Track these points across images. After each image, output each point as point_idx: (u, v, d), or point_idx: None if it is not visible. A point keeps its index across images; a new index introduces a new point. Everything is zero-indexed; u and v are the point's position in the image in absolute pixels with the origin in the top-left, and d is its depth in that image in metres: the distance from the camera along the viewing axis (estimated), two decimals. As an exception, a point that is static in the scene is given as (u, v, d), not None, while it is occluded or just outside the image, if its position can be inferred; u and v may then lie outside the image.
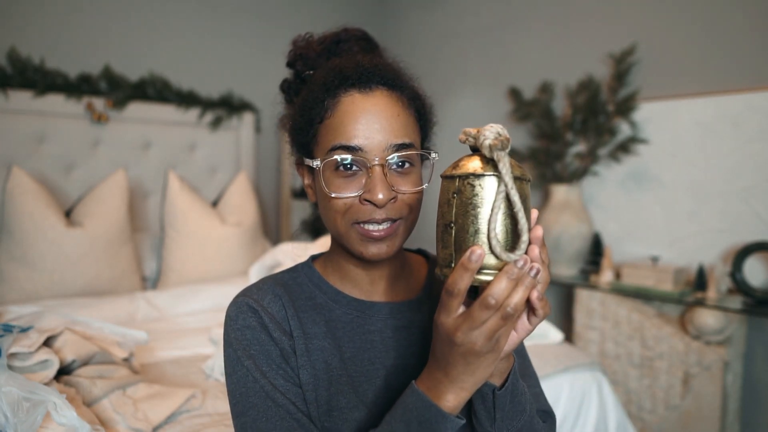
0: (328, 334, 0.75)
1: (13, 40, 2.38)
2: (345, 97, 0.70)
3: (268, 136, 3.22)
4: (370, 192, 0.68)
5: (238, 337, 0.72)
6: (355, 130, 0.68)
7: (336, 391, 0.72)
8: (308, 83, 0.76)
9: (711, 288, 2.08)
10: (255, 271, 2.16)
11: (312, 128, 0.72)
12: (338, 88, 0.70)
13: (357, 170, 0.69)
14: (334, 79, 0.71)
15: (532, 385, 0.83)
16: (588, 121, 2.46)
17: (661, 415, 2.16)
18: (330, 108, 0.70)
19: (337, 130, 0.69)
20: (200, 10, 2.92)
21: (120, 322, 2.02)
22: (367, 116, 0.69)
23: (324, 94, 0.71)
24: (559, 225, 2.46)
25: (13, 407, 1.03)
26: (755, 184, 2.11)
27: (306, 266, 0.82)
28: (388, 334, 0.77)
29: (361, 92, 0.70)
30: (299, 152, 0.77)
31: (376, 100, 0.70)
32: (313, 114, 0.72)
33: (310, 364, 0.73)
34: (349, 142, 0.68)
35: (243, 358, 0.71)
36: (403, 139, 0.70)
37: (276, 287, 0.77)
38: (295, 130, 0.76)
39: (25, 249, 2.12)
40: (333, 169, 0.69)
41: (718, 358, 2.02)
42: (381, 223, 0.70)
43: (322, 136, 0.71)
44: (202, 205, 2.61)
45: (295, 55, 0.81)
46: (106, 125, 2.59)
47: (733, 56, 2.15)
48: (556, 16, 2.72)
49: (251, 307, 0.73)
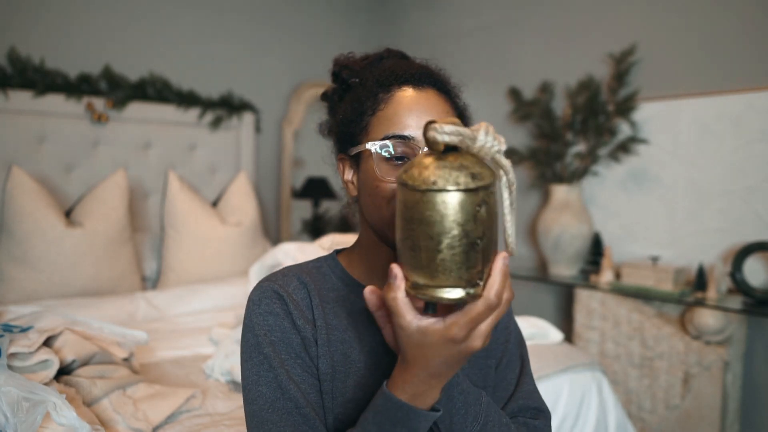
0: (349, 327, 0.75)
1: (13, 40, 2.38)
2: (399, 92, 0.74)
3: (268, 136, 3.22)
4: None
5: (260, 322, 0.72)
6: (409, 119, 0.72)
7: (354, 383, 0.73)
8: (358, 84, 0.79)
9: (711, 288, 2.08)
10: (255, 271, 2.16)
11: (363, 120, 0.75)
12: (392, 84, 0.75)
13: (406, 159, 0.72)
14: (388, 76, 0.75)
15: (527, 382, 0.84)
16: (588, 121, 2.46)
17: (661, 415, 2.16)
18: (384, 101, 0.74)
19: (391, 119, 0.73)
20: (200, 10, 2.92)
21: (120, 322, 2.02)
22: (419, 109, 0.73)
23: (377, 89, 0.75)
24: (559, 225, 2.46)
25: (12, 407, 1.03)
26: (755, 184, 2.11)
27: (330, 258, 0.83)
28: None
29: (415, 89, 0.74)
30: (344, 147, 0.79)
31: (428, 96, 0.74)
32: (365, 107, 0.75)
33: (329, 354, 0.73)
34: (402, 131, 0.72)
35: (263, 344, 0.71)
36: None
37: (302, 275, 0.78)
38: (343, 124, 0.78)
39: (25, 249, 2.11)
40: (382, 158, 0.72)
41: (718, 358, 2.02)
42: None
43: (374, 126, 0.74)
44: (202, 205, 2.61)
45: (340, 66, 0.84)
46: (106, 125, 2.59)
47: (733, 56, 2.15)
48: (556, 16, 2.72)
49: (277, 292, 0.74)
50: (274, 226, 3.30)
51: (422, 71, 0.76)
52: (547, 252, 2.57)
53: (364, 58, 0.84)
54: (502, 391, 0.83)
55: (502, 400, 0.83)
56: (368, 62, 0.83)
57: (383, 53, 0.84)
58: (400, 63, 0.79)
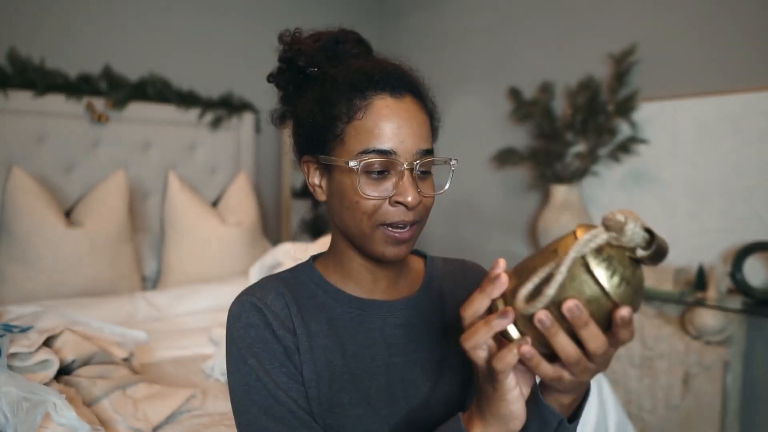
0: (329, 332, 0.76)
1: (13, 40, 2.37)
2: (377, 100, 0.71)
3: (268, 136, 3.22)
4: (402, 195, 0.70)
5: (242, 335, 0.73)
6: (390, 133, 0.70)
7: (338, 388, 0.73)
8: (323, 79, 0.75)
9: (711, 288, 2.08)
10: (255, 271, 2.16)
11: (336, 127, 0.72)
12: (368, 89, 0.71)
13: (386, 173, 0.71)
14: (362, 80, 0.71)
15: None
16: (588, 121, 2.46)
17: (661, 415, 2.16)
18: (362, 108, 0.70)
19: (371, 132, 0.70)
20: (200, 10, 2.92)
21: (120, 322, 2.02)
22: (399, 120, 0.70)
23: (352, 93, 0.71)
24: (559, 225, 2.46)
25: (12, 407, 1.03)
26: (755, 184, 2.11)
27: (307, 266, 0.82)
28: (388, 331, 0.78)
29: (394, 96, 0.71)
30: (311, 150, 0.76)
31: (407, 106, 0.71)
32: (337, 112, 0.71)
33: (312, 361, 0.73)
34: (383, 145, 0.69)
35: (246, 356, 0.71)
36: (428, 146, 0.73)
37: (279, 285, 0.77)
38: (310, 126, 0.75)
39: (25, 249, 2.11)
40: (363, 171, 0.70)
41: (718, 358, 2.02)
42: (407, 226, 0.72)
43: (351, 137, 0.71)
44: (202, 205, 2.61)
45: (293, 51, 0.79)
46: (106, 125, 2.59)
47: (733, 56, 2.15)
48: (556, 16, 2.72)
49: (255, 305, 0.74)
50: (274, 226, 3.30)
51: (398, 75, 0.73)
52: (547, 252, 2.57)
53: (316, 38, 0.79)
54: None
55: None
56: (321, 44, 0.78)
57: (338, 35, 0.79)
58: (371, 63, 0.75)
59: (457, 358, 0.81)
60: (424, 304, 0.82)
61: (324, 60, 0.77)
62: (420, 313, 0.81)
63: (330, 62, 0.77)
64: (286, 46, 0.81)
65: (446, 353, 0.81)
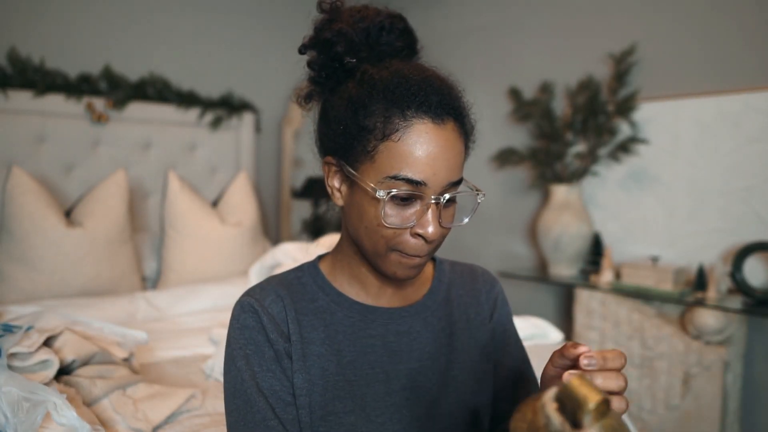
0: (326, 340, 0.74)
1: (13, 40, 2.37)
2: (418, 123, 0.66)
3: (268, 136, 3.22)
4: (423, 227, 0.68)
5: (237, 336, 0.73)
6: (424, 163, 0.65)
7: (332, 396, 0.72)
8: (363, 81, 0.69)
9: (711, 288, 2.08)
10: (255, 271, 2.16)
11: (369, 141, 0.67)
12: (409, 108, 0.66)
13: (411, 200, 0.68)
14: (404, 95, 0.66)
15: (535, 390, 0.83)
16: (588, 121, 2.46)
17: (661, 415, 2.16)
18: (399, 130, 0.65)
19: (405, 158, 0.65)
20: (200, 10, 2.92)
21: (120, 322, 2.02)
22: (436, 150, 0.66)
23: (391, 109, 0.66)
24: (559, 225, 2.46)
25: (13, 407, 1.03)
26: (755, 184, 2.11)
27: (312, 266, 0.81)
28: (390, 338, 0.77)
29: (435, 122, 0.66)
30: (336, 153, 0.72)
31: (447, 135, 0.67)
32: (371, 125, 0.67)
33: (305, 368, 0.73)
34: (415, 175, 0.65)
35: (237, 357, 0.72)
36: (458, 176, 0.69)
37: (279, 288, 0.76)
38: (340, 131, 0.70)
39: (25, 249, 2.11)
40: (389, 199, 0.67)
41: (718, 358, 2.02)
42: (423, 254, 0.70)
43: (383, 156, 0.66)
44: (202, 205, 2.61)
45: (333, 32, 0.72)
46: (106, 125, 2.59)
47: (733, 56, 2.15)
48: (556, 16, 2.72)
49: (252, 306, 0.74)
50: (274, 226, 3.30)
51: (443, 96, 0.67)
52: (547, 252, 2.57)
53: (359, 17, 0.72)
54: (506, 407, 0.82)
55: (505, 416, 0.82)
56: (364, 29, 0.72)
57: (383, 21, 0.72)
58: (415, 72, 0.68)
59: (463, 366, 0.79)
60: (430, 311, 0.80)
61: (365, 49, 0.72)
62: (425, 320, 0.79)
63: (371, 52, 0.72)
64: (326, 19, 0.75)
65: (452, 361, 0.79)
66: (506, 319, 0.87)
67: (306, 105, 0.78)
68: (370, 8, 0.74)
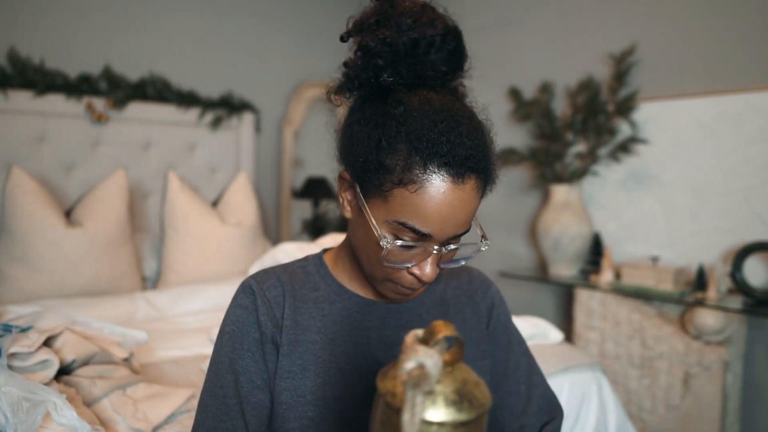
0: (322, 329, 0.76)
1: (13, 40, 2.37)
2: (438, 180, 0.64)
3: (268, 136, 3.22)
4: (421, 269, 0.69)
5: (230, 313, 0.77)
6: (434, 219, 0.65)
7: (323, 381, 0.74)
8: (392, 113, 0.66)
9: (711, 288, 2.08)
10: (255, 270, 2.16)
11: (384, 180, 0.66)
12: (431, 161, 0.63)
13: (413, 245, 0.68)
14: (428, 146, 0.63)
15: (539, 382, 0.86)
16: (588, 121, 2.46)
17: (661, 415, 2.16)
18: (417, 182, 0.64)
19: (417, 211, 0.65)
20: (200, 10, 2.91)
21: (120, 322, 2.02)
22: (450, 210, 0.65)
23: (414, 156, 0.64)
24: (559, 225, 2.46)
25: (13, 407, 1.03)
26: (755, 184, 2.11)
27: (316, 257, 0.83)
28: (386, 332, 0.78)
29: (455, 182, 0.64)
30: (352, 171, 0.70)
31: (464, 194, 0.65)
32: (391, 165, 0.65)
33: (296, 354, 0.75)
34: (422, 228, 0.65)
35: (224, 332, 0.76)
36: (467, 227, 0.69)
37: (282, 274, 0.79)
38: (359, 153, 0.68)
39: (25, 249, 2.11)
40: (393, 237, 0.68)
41: (718, 358, 2.02)
42: (417, 288, 0.73)
43: (396, 200, 0.65)
44: (202, 205, 2.61)
45: (380, 41, 0.67)
46: (106, 125, 2.59)
47: (733, 56, 2.15)
48: (556, 16, 2.72)
49: (251, 288, 0.77)
50: (274, 226, 3.30)
51: (469, 153, 0.64)
52: (547, 252, 2.57)
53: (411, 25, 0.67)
54: (517, 402, 0.84)
55: (516, 411, 0.83)
56: (413, 42, 0.67)
57: (436, 39, 0.67)
58: (448, 120, 0.64)
59: (466, 359, 0.79)
60: (425, 308, 0.82)
61: (406, 65, 0.68)
62: (420, 317, 0.81)
63: (411, 69, 0.68)
64: (378, 10, 0.69)
65: None
66: (505, 318, 0.88)
67: (335, 100, 0.74)
68: (427, 12, 0.69)
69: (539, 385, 0.86)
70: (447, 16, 0.72)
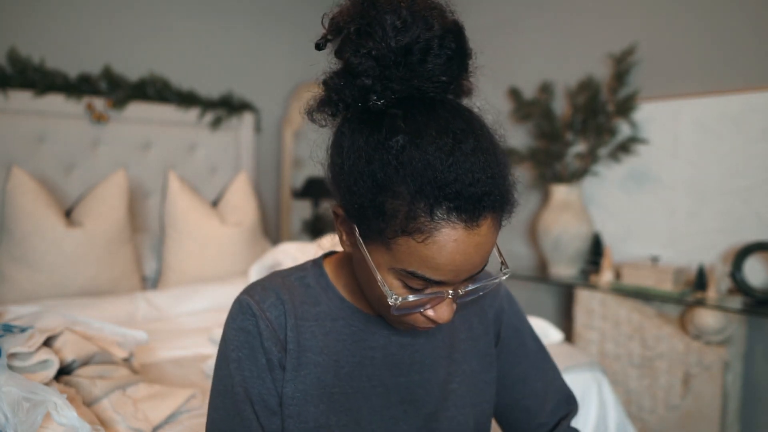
0: (324, 349, 0.72)
1: (13, 40, 2.37)
2: (447, 228, 0.54)
3: (268, 136, 3.22)
4: (437, 313, 0.62)
5: (232, 336, 0.71)
6: (447, 270, 0.57)
7: (327, 408, 0.70)
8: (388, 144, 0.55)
9: (711, 288, 2.08)
10: (255, 271, 2.16)
11: (386, 227, 0.56)
12: (439, 206, 0.54)
13: (425, 290, 0.61)
14: (434, 186, 0.53)
15: (555, 377, 0.85)
16: (588, 121, 2.46)
17: (661, 415, 2.16)
18: (424, 232, 0.55)
19: (426, 262, 0.56)
20: (200, 10, 2.92)
21: (120, 322, 2.02)
22: (464, 256, 0.56)
23: (418, 202, 0.54)
24: (559, 225, 2.46)
25: (13, 407, 1.03)
26: (755, 184, 2.11)
27: (316, 266, 0.77)
28: (391, 350, 0.74)
29: (468, 227, 0.55)
30: (347, 212, 0.62)
31: (480, 238, 0.56)
32: (392, 210, 0.55)
33: (299, 378, 0.71)
34: (434, 277, 0.58)
35: (230, 358, 0.71)
36: (484, 264, 0.61)
37: (281, 290, 0.73)
38: (355, 199, 0.58)
39: (25, 249, 2.11)
40: (401, 284, 0.60)
41: (718, 358, 2.02)
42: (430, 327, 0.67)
43: (401, 249, 0.57)
44: (202, 205, 2.61)
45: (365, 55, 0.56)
46: (106, 125, 2.59)
47: (733, 56, 2.15)
48: (556, 16, 2.72)
49: (251, 310, 0.71)
50: (274, 226, 3.30)
51: (484, 190, 0.54)
52: (547, 252, 2.57)
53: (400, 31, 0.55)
54: (534, 402, 0.82)
55: (534, 410, 0.82)
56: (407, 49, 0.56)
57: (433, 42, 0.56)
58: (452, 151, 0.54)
59: (463, 378, 0.78)
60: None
61: (399, 76, 0.57)
62: (426, 333, 0.76)
63: (405, 82, 0.57)
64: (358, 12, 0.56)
65: (451, 374, 0.77)
66: (516, 319, 0.85)
67: (318, 120, 0.65)
68: (418, 6, 0.56)
69: (555, 380, 0.85)
70: (443, 7, 0.60)
